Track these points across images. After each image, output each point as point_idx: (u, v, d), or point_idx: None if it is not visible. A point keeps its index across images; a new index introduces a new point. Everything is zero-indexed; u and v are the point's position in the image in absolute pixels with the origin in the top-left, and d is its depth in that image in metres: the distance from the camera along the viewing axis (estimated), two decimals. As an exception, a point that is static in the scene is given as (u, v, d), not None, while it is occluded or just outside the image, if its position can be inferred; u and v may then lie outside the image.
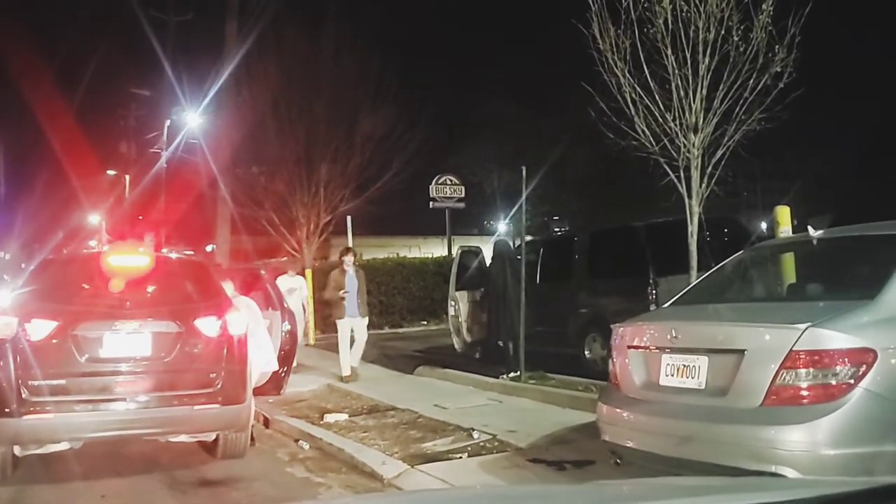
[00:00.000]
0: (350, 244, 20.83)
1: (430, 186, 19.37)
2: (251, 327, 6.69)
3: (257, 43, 15.46)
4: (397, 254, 23.57)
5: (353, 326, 9.93)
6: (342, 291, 9.77)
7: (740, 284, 5.01)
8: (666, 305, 4.97)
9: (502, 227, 37.28)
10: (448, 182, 19.64)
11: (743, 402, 3.76)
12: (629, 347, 4.49)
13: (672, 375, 4.17)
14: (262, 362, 7.35)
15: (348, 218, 16.16)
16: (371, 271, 17.70)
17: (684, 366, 4.11)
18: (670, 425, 4.14)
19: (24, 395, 5.33)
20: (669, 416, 4.15)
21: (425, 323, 17.93)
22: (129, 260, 6.41)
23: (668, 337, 4.22)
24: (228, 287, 7.05)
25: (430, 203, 19.41)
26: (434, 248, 23.99)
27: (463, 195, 19.92)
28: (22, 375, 5.35)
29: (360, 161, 14.45)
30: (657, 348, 4.30)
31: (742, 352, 3.79)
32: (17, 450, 5.53)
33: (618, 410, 4.52)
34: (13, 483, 5.50)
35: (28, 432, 5.37)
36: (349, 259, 10.21)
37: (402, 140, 14.98)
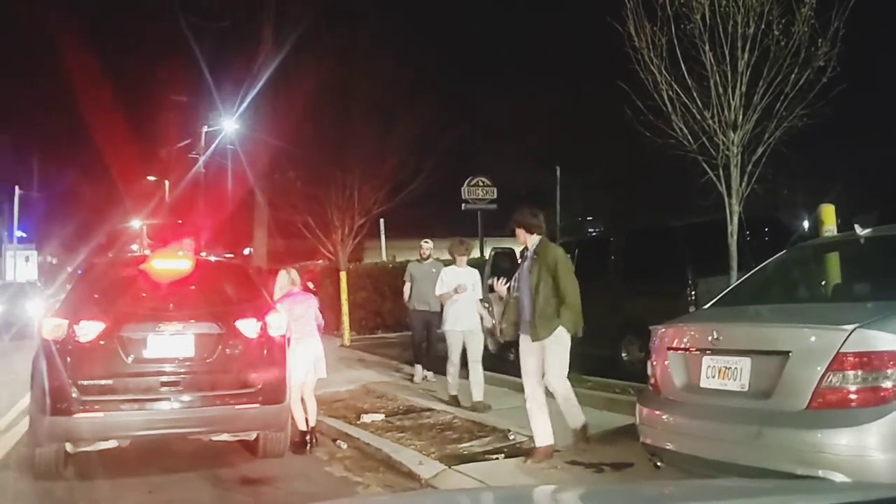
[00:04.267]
0: (383, 247, 20.93)
1: (462, 188, 19.33)
2: (308, 329, 6.81)
3: (293, 47, 15.65)
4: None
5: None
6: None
7: (783, 285, 4.94)
8: (706, 307, 4.91)
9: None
10: (480, 184, 19.57)
11: (788, 405, 3.70)
12: (669, 349, 4.45)
13: (713, 377, 4.13)
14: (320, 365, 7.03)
15: (381, 221, 16.26)
16: (404, 273, 17.77)
17: (726, 368, 4.06)
18: (712, 428, 4.09)
19: (74, 395, 5.48)
20: (711, 419, 4.10)
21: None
22: (172, 264, 6.55)
23: (710, 338, 4.17)
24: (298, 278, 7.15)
25: (463, 205, 19.36)
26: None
27: (495, 196, 19.86)
28: (72, 375, 5.52)
29: (394, 164, 14.52)
30: (698, 350, 4.25)
31: (787, 353, 3.74)
32: (68, 446, 5.68)
33: (657, 412, 4.48)
34: (66, 479, 5.68)
35: (79, 430, 5.51)
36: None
37: (434, 142, 15.02)
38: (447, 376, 8.42)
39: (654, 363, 4.53)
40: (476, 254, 19.27)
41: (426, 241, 10.40)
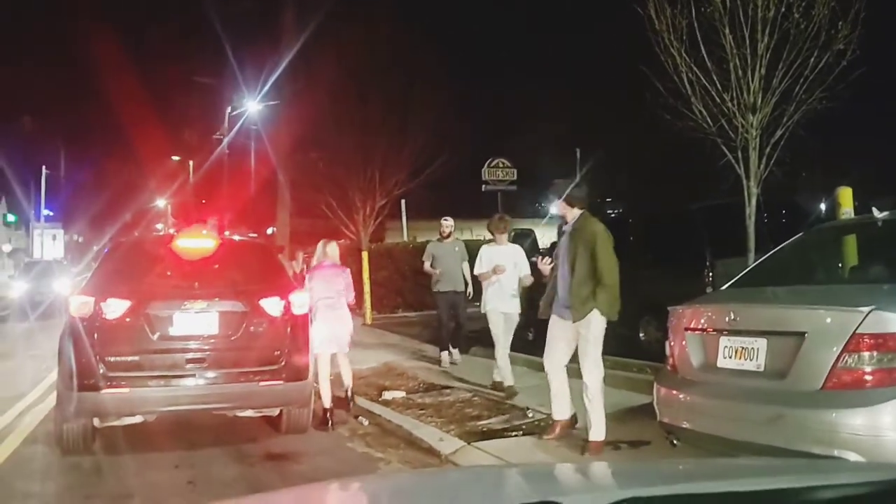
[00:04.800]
0: (405, 227, 20.99)
1: (483, 170, 19.31)
2: (331, 302, 6.98)
3: (315, 31, 15.70)
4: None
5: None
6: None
7: (800, 267, 4.95)
8: (724, 288, 4.95)
9: (553, 209, 37.11)
10: (500, 165, 19.51)
11: (803, 385, 3.75)
12: (686, 329, 4.50)
13: (730, 357, 4.18)
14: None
15: (402, 202, 16.36)
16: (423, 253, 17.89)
17: (742, 348, 4.11)
18: (728, 407, 4.15)
19: (101, 371, 5.63)
20: (727, 398, 4.16)
21: (478, 304, 17.98)
22: (197, 243, 6.67)
23: (727, 319, 4.22)
24: (334, 252, 7.41)
25: (483, 186, 19.34)
26: (485, 231, 23.98)
27: (515, 178, 19.82)
28: (100, 352, 5.66)
29: (415, 146, 14.57)
30: (715, 330, 4.30)
31: (802, 334, 3.77)
32: (95, 422, 5.85)
33: (674, 392, 4.54)
34: (93, 453, 5.85)
35: (107, 406, 5.68)
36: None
37: (455, 125, 15.05)
38: (497, 359, 7.75)
39: (672, 343, 4.58)
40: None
41: (446, 219, 9.93)
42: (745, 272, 5.02)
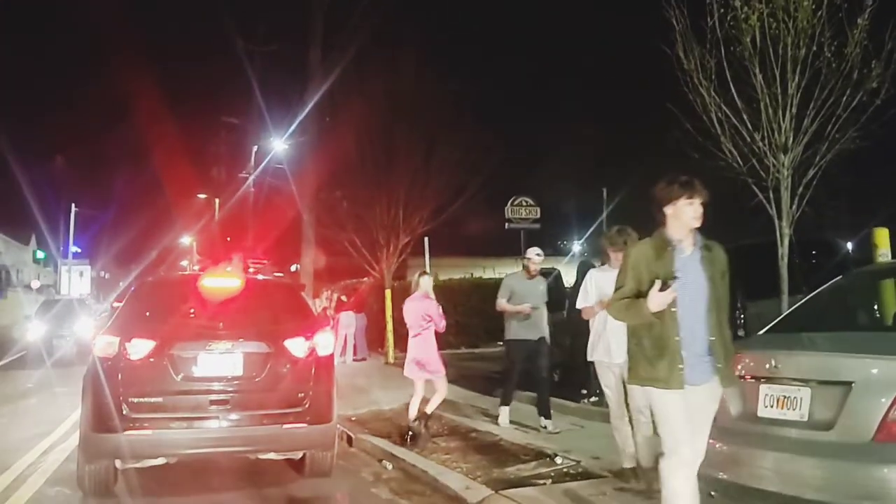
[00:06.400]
0: (427, 265, 20.97)
1: (506, 208, 19.32)
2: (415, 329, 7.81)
3: (339, 71, 15.90)
4: (471, 274, 23.55)
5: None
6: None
7: (841, 311, 4.79)
8: (761, 333, 4.79)
9: (576, 247, 36.96)
10: (524, 203, 19.53)
11: (851, 437, 3.58)
12: (724, 376, 4.33)
13: (771, 406, 4.02)
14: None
15: (426, 239, 16.35)
16: (447, 291, 17.80)
17: (785, 397, 3.95)
18: (770, 458, 3.97)
19: (124, 412, 5.56)
20: (768, 449, 3.98)
21: (501, 344, 17.81)
22: (222, 282, 6.64)
23: (767, 366, 4.06)
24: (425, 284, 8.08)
25: (506, 224, 19.34)
26: (507, 269, 23.91)
27: (539, 216, 19.79)
28: (123, 393, 5.60)
29: (438, 184, 14.60)
30: (755, 378, 4.15)
31: (849, 384, 3.62)
32: (117, 463, 5.78)
33: (711, 441, 4.36)
34: (115, 495, 5.78)
35: (128, 447, 5.58)
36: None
37: (479, 162, 15.06)
38: (616, 433, 5.81)
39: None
40: (518, 273, 19.20)
41: (538, 253, 8.00)
42: (782, 317, 4.87)
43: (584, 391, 8.86)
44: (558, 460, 6.39)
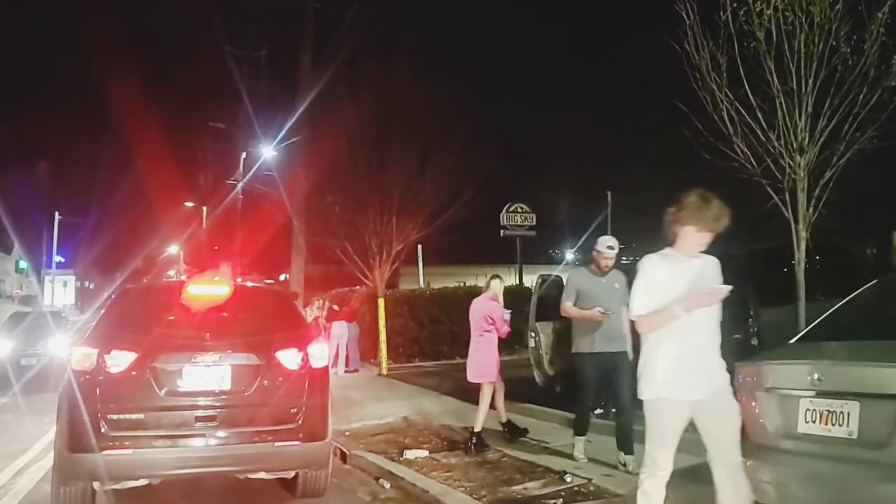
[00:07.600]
0: (421, 273, 20.61)
1: (501, 214, 19.04)
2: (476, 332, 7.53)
3: (330, 76, 15.57)
4: (464, 282, 23.20)
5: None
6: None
7: (879, 318, 4.43)
8: (793, 341, 4.44)
9: (569, 255, 36.65)
10: (519, 210, 19.28)
11: (910, 458, 3.22)
12: (758, 389, 3.99)
13: (814, 422, 3.66)
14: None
15: (419, 247, 16.00)
16: (442, 300, 17.42)
17: (829, 411, 3.59)
18: (813, 479, 3.63)
19: (103, 430, 5.13)
20: (811, 469, 3.64)
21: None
22: (209, 289, 6.23)
23: (809, 378, 3.70)
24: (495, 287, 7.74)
25: (501, 231, 19.06)
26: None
27: (534, 223, 19.52)
28: (101, 409, 5.17)
29: (432, 190, 14.25)
30: (794, 390, 3.79)
31: (906, 398, 3.27)
32: (95, 485, 5.35)
33: (745, 459, 4.00)
34: (92, 520, 5.32)
35: (107, 468, 5.15)
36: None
37: (473, 169, 14.72)
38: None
39: (741, 404, 4.05)
40: (514, 281, 18.91)
41: (610, 246, 6.43)
42: (815, 324, 4.51)
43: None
44: (568, 478, 6.01)
